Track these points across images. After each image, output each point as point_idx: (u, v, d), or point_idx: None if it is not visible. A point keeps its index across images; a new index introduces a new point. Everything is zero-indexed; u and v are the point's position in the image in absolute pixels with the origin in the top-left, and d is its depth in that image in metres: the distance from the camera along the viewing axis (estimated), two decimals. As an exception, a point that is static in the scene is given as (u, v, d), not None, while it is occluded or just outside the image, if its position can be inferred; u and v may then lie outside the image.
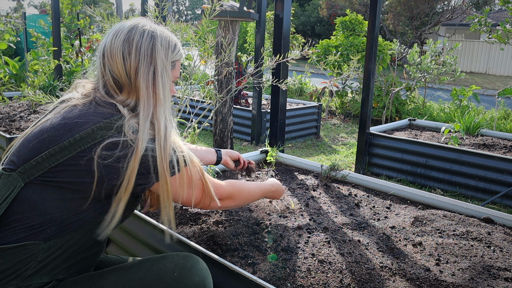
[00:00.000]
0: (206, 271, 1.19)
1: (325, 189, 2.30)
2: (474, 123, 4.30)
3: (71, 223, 1.08)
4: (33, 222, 1.05)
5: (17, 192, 1.06)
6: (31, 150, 1.09)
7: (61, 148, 1.06)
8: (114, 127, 1.09)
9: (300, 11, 24.82)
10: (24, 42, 8.25)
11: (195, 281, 1.13)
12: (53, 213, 1.06)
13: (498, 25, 5.88)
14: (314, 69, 8.69)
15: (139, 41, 1.17)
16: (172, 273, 1.12)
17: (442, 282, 1.42)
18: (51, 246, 1.06)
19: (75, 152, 1.06)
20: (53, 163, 1.06)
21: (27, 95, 2.59)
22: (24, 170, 1.07)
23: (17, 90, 5.49)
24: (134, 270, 1.14)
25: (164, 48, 1.21)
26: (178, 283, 1.11)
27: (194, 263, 1.17)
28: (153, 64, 1.18)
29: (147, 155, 1.10)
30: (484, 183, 3.23)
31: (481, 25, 5.88)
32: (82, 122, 1.09)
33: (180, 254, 1.20)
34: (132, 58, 1.16)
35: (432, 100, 7.47)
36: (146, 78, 1.16)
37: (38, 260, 1.05)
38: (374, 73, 3.68)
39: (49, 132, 1.10)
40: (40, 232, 1.05)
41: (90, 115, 1.11)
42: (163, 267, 1.14)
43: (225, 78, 2.89)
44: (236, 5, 2.81)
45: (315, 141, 5.30)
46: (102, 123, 1.09)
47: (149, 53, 1.18)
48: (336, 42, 7.53)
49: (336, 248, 1.63)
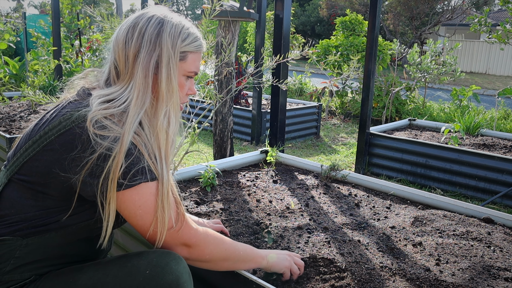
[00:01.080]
0: (183, 270, 1.11)
1: (325, 189, 2.30)
2: (474, 123, 4.30)
3: (49, 224, 1.05)
4: (11, 220, 1.05)
5: (1, 189, 1.08)
6: (16, 146, 1.10)
7: (33, 142, 1.04)
8: (75, 116, 1.01)
9: (300, 11, 24.83)
10: (24, 42, 8.25)
11: (167, 279, 1.06)
12: (27, 213, 1.05)
13: (498, 25, 5.88)
14: (314, 69, 8.69)
15: (143, 26, 1.09)
16: (144, 270, 1.07)
17: (442, 282, 1.42)
18: (28, 244, 1.05)
19: (41, 145, 1.02)
20: (25, 158, 1.04)
21: (27, 95, 2.59)
22: (9, 167, 1.08)
23: (17, 90, 5.49)
24: (110, 265, 1.10)
25: (172, 36, 1.11)
26: (149, 281, 1.05)
27: (170, 261, 1.09)
28: (157, 52, 1.09)
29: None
30: (484, 183, 3.23)
31: (481, 25, 5.88)
32: (55, 115, 1.06)
33: (158, 251, 1.12)
34: (133, 43, 1.08)
35: (432, 100, 7.47)
36: (146, 66, 1.08)
37: (15, 257, 1.04)
38: (374, 73, 3.68)
39: (31, 127, 1.09)
40: (18, 230, 1.04)
41: (63, 107, 1.08)
42: (136, 264, 1.08)
43: (225, 78, 2.89)
44: (236, 5, 2.81)
45: (315, 141, 5.30)
46: (69, 113, 1.03)
47: (153, 39, 1.09)
48: (336, 42, 7.53)
49: (336, 248, 1.63)
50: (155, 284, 1.05)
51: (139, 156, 1.04)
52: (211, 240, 1.18)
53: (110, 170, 0.99)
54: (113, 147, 0.99)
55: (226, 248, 1.22)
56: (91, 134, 0.99)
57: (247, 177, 2.42)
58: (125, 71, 1.10)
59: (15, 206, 1.05)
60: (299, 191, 2.26)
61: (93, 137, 0.99)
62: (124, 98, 1.07)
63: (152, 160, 1.06)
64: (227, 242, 1.23)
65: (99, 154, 0.99)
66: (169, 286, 1.06)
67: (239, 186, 2.28)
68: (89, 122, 1.00)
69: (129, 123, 1.03)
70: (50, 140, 1.02)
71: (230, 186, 2.28)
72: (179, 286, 1.08)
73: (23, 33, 8.39)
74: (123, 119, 1.04)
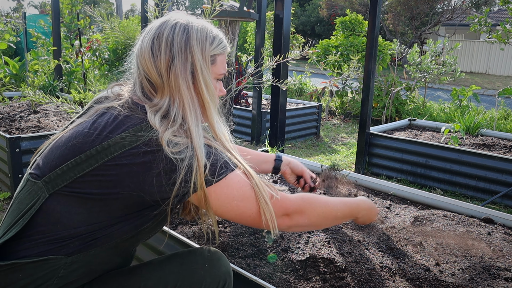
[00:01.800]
0: (229, 265, 1.24)
1: (325, 189, 2.30)
2: (474, 123, 4.30)
3: (97, 238, 1.02)
4: (56, 236, 0.99)
5: (41, 203, 1.00)
6: (58, 157, 1.03)
7: (88, 157, 0.99)
8: (144, 136, 1.00)
9: (300, 11, 24.83)
10: (24, 42, 8.25)
11: (223, 270, 1.18)
12: (78, 227, 1.00)
13: (498, 25, 5.88)
14: (314, 69, 8.69)
15: (169, 35, 1.06)
16: (203, 264, 1.16)
17: (442, 282, 1.42)
18: (73, 261, 1.01)
19: (101, 161, 0.99)
20: (79, 173, 0.99)
21: (27, 95, 2.59)
22: (50, 180, 1.01)
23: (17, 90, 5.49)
24: (165, 264, 1.16)
25: (200, 41, 1.08)
26: (209, 274, 1.15)
27: (220, 256, 1.22)
28: (190, 60, 1.07)
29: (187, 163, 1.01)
30: (484, 183, 3.23)
31: (481, 25, 5.88)
32: (111, 129, 1.02)
33: (207, 248, 1.23)
34: (162, 55, 1.05)
35: (432, 100, 7.48)
36: (184, 77, 1.06)
37: (59, 276, 1.00)
38: (374, 73, 3.68)
39: (77, 138, 1.03)
40: (63, 247, 1.00)
41: (120, 121, 1.03)
42: (194, 259, 1.17)
43: (225, 78, 2.89)
44: (236, 5, 2.81)
45: (315, 141, 5.30)
46: (132, 129, 1.01)
47: (183, 48, 1.06)
48: (336, 42, 7.53)
49: (336, 248, 1.63)
50: (214, 275, 1.16)
51: (216, 153, 1.07)
52: (307, 206, 1.19)
53: (197, 176, 1.01)
54: (192, 155, 1.01)
55: (323, 210, 1.23)
56: (168, 154, 0.99)
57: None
58: (161, 83, 1.07)
59: (62, 222, 1.00)
60: (299, 191, 2.26)
61: (172, 155, 0.99)
62: (177, 115, 1.06)
63: (225, 153, 1.10)
64: (322, 204, 1.24)
65: (183, 167, 1.00)
66: (224, 277, 1.18)
67: (239, 186, 2.28)
68: (163, 142, 0.99)
69: (195, 136, 1.04)
70: (112, 156, 0.99)
71: (230, 186, 2.28)
72: (230, 277, 1.21)
73: (23, 33, 8.39)
74: (186, 132, 1.05)
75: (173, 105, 1.06)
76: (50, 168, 1.02)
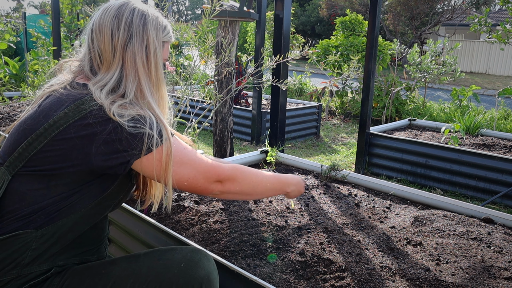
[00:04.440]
0: (213, 267, 1.20)
1: (325, 189, 2.30)
2: (474, 123, 4.30)
3: (60, 210, 1.10)
4: (23, 213, 1.08)
5: (6, 185, 1.10)
6: (13, 143, 1.12)
7: (38, 136, 1.08)
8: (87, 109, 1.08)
9: (300, 11, 24.82)
10: (24, 42, 8.25)
11: (200, 274, 1.14)
12: (41, 202, 1.08)
13: (498, 25, 5.88)
14: (314, 69, 8.69)
15: (128, 17, 1.17)
16: (179, 263, 1.14)
17: (442, 282, 1.42)
18: (43, 234, 1.08)
19: (50, 136, 1.07)
20: (32, 151, 1.08)
21: (27, 95, 2.59)
22: (10, 163, 1.10)
23: (17, 90, 5.49)
24: (143, 258, 1.17)
25: (155, 27, 1.21)
26: (184, 274, 1.13)
27: (202, 257, 1.19)
28: (145, 42, 1.18)
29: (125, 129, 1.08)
30: (484, 183, 3.23)
31: (481, 25, 5.88)
32: (55, 107, 1.10)
33: (190, 247, 1.22)
34: (121, 33, 1.16)
35: (432, 100, 7.47)
36: (140, 56, 1.17)
37: (32, 249, 1.07)
38: (374, 73, 3.68)
39: (26, 123, 1.12)
40: (31, 222, 1.08)
41: (63, 99, 1.12)
42: (171, 257, 1.16)
43: (225, 78, 2.89)
44: (236, 5, 2.81)
45: (315, 141, 5.30)
46: (74, 104, 1.09)
47: (141, 30, 1.18)
48: (336, 42, 7.53)
49: (336, 248, 1.63)
50: (188, 277, 1.12)
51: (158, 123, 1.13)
52: (239, 174, 1.27)
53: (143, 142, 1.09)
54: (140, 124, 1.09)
55: (255, 180, 1.32)
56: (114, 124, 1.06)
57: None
58: (111, 59, 1.16)
59: (26, 199, 1.08)
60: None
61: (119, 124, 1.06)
62: (131, 88, 1.15)
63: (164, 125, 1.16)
64: (253, 174, 1.32)
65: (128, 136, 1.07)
66: (201, 280, 1.13)
67: (239, 186, 2.28)
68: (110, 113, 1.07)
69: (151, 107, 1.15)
70: (59, 131, 1.06)
71: (230, 186, 2.28)
72: (209, 282, 1.15)
73: (23, 33, 8.39)
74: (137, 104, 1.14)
75: (125, 79, 1.16)
76: (8, 153, 1.12)
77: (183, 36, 2.38)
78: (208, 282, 1.14)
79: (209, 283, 1.15)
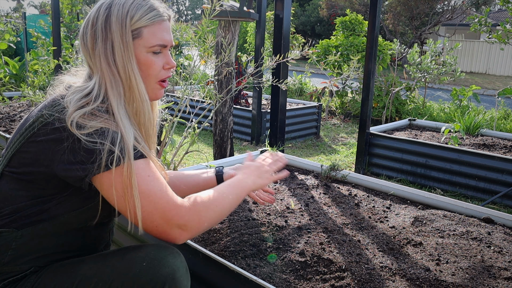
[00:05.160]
0: (180, 265, 1.11)
1: (325, 189, 2.30)
2: (474, 123, 4.30)
3: (40, 213, 1.07)
4: (5, 211, 1.07)
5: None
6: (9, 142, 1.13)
7: (19, 135, 1.07)
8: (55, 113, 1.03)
9: (300, 11, 24.82)
10: (24, 42, 8.25)
11: (163, 272, 1.07)
12: (20, 203, 1.07)
13: (498, 25, 5.88)
14: (314, 69, 8.69)
15: (94, 17, 1.09)
16: (141, 262, 1.08)
17: (442, 282, 1.42)
18: (23, 235, 1.07)
19: (26, 137, 1.05)
20: (12, 152, 1.07)
21: (27, 95, 2.59)
22: (1, 162, 1.12)
23: (17, 90, 5.48)
24: (109, 256, 1.12)
25: (120, 17, 1.08)
26: (146, 273, 1.06)
27: (167, 255, 1.11)
28: (109, 39, 1.07)
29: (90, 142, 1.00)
30: (484, 183, 3.23)
31: (481, 25, 5.88)
32: (41, 107, 1.09)
33: (157, 245, 1.14)
34: (88, 35, 1.09)
35: (432, 100, 7.47)
36: (105, 56, 1.08)
37: (12, 248, 1.06)
38: (374, 73, 3.68)
39: (21, 123, 1.13)
40: (12, 221, 1.07)
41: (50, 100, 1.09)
42: (134, 255, 1.10)
43: (225, 78, 2.89)
44: (236, 5, 2.81)
45: (315, 141, 5.30)
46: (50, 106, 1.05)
47: (103, 27, 1.07)
48: (336, 42, 7.53)
49: (336, 248, 1.63)
50: (151, 276, 1.06)
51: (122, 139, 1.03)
52: (202, 209, 1.10)
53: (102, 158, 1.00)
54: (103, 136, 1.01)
55: (217, 204, 1.14)
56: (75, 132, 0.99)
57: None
58: (91, 65, 1.11)
59: (8, 198, 1.08)
60: (299, 191, 2.26)
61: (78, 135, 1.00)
62: (99, 94, 1.07)
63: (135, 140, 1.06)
64: (215, 199, 1.15)
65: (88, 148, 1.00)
66: (165, 279, 1.06)
67: (239, 186, 2.28)
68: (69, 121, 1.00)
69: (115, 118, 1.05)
70: (33, 132, 1.04)
71: (230, 186, 2.27)
72: (174, 280, 1.08)
73: (23, 33, 8.39)
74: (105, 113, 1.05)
75: (98, 84, 1.08)
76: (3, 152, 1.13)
77: (183, 36, 2.37)
78: (173, 281, 1.07)
79: (173, 281, 1.07)
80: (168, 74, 1.19)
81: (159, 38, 1.13)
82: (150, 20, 1.11)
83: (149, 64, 1.13)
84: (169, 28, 1.17)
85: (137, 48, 1.11)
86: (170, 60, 1.17)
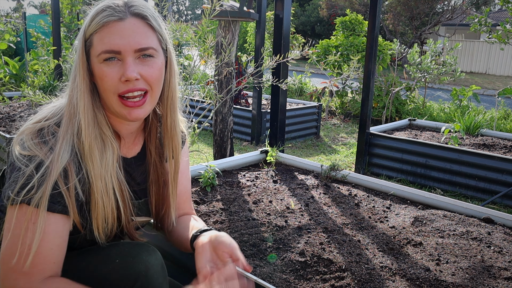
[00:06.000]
0: (155, 262, 1.07)
1: (325, 189, 2.30)
2: (474, 123, 4.30)
3: None
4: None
5: None
6: None
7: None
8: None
9: (300, 11, 24.82)
10: (24, 42, 8.25)
11: (136, 269, 1.03)
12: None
13: (498, 25, 5.88)
14: (314, 69, 8.69)
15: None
16: (114, 259, 1.05)
17: (442, 282, 1.42)
18: None
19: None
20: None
21: (27, 95, 2.59)
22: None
23: (17, 90, 5.48)
24: (88, 252, 1.10)
25: (84, 27, 0.98)
26: (118, 269, 1.04)
27: (142, 251, 1.07)
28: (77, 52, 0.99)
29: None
30: (484, 183, 3.23)
31: (481, 25, 5.88)
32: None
33: (133, 242, 1.12)
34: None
35: (432, 100, 7.48)
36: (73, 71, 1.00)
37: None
38: (374, 73, 3.68)
39: None
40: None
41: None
42: (109, 252, 1.07)
43: (225, 78, 2.89)
44: (236, 5, 2.81)
45: (315, 141, 5.30)
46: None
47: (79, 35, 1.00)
48: (336, 42, 7.53)
49: (336, 248, 1.63)
50: (123, 272, 1.03)
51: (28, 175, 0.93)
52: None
53: (12, 190, 0.93)
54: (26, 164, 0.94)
55: None
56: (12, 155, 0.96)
57: (247, 177, 2.42)
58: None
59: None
60: (299, 191, 2.26)
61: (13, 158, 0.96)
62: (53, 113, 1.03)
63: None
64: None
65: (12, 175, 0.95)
66: (137, 276, 1.03)
67: (239, 186, 2.28)
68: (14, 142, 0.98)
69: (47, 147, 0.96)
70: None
71: (230, 186, 2.28)
72: (147, 277, 1.04)
73: (23, 33, 8.39)
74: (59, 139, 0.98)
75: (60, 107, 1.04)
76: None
77: (183, 36, 2.38)
78: (145, 278, 1.03)
79: (146, 278, 1.03)
80: (127, 87, 0.97)
81: (106, 43, 0.94)
82: (99, 24, 0.94)
83: (101, 77, 0.96)
84: (126, 29, 0.95)
85: (92, 59, 0.97)
86: (126, 70, 0.95)
